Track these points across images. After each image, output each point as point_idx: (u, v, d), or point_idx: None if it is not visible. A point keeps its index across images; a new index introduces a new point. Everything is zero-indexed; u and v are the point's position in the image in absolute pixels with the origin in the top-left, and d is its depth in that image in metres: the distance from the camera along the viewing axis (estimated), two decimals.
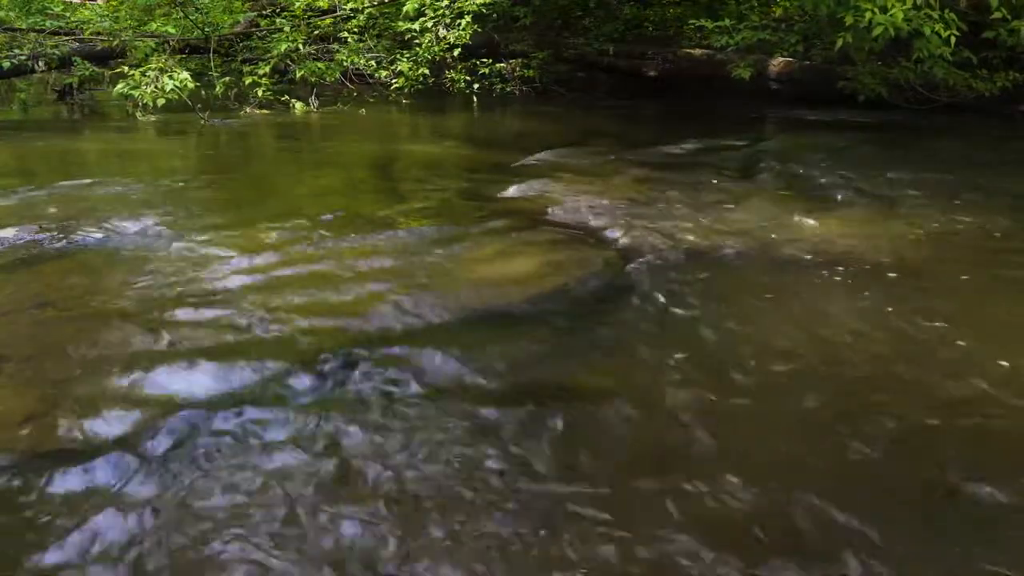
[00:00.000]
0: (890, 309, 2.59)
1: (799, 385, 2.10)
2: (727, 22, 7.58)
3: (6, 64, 8.38)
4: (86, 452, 1.80)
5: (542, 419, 1.93)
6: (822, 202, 4.04)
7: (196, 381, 2.13)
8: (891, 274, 2.91)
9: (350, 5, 9.23)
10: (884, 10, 5.63)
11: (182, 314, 2.59)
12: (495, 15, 9.46)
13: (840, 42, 6.11)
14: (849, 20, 5.87)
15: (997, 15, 5.87)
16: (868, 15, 5.65)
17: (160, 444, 1.82)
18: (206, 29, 8.61)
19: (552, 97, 9.26)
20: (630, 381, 2.13)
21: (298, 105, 8.34)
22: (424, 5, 8.78)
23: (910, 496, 1.66)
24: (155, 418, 1.93)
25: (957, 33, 5.82)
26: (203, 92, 8.41)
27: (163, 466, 1.73)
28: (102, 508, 1.60)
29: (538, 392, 2.07)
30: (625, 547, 1.49)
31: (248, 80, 8.42)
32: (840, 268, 2.97)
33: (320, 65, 8.78)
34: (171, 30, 8.69)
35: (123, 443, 1.83)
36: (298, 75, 8.76)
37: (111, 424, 1.92)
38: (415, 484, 1.67)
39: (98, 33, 8.83)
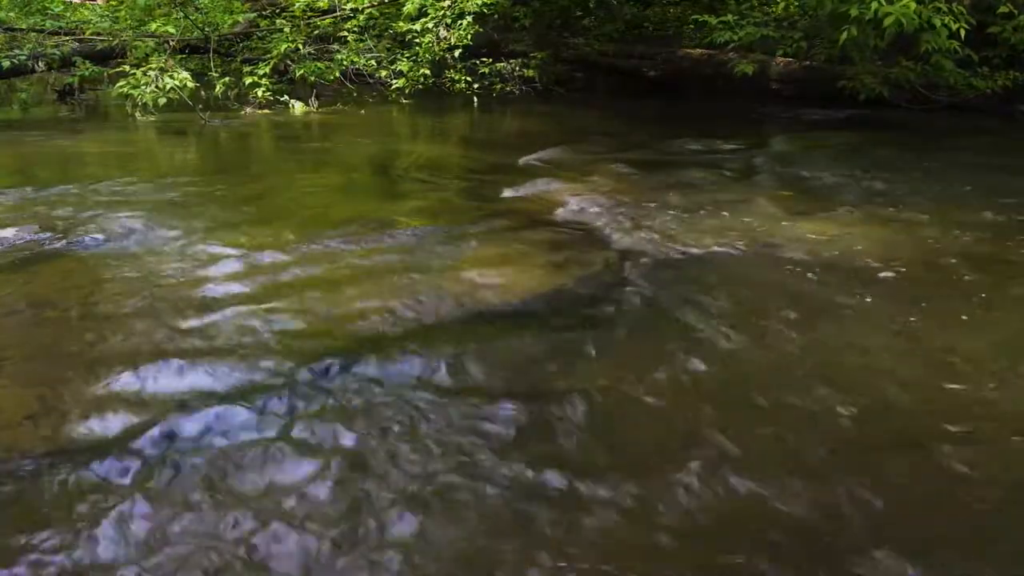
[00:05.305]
0: (890, 313, 2.59)
1: (797, 385, 2.10)
2: (730, 18, 7.57)
3: (6, 64, 8.38)
4: (86, 452, 1.79)
5: (542, 419, 1.92)
6: (821, 203, 4.03)
7: (196, 382, 2.12)
8: (893, 277, 2.90)
9: (350, 5, 9.24)
10: (891, 2, 5.61)
11: (181, 314, 2.58)
12: (495, 15, 9.46)
13: (844, 35, 6.07)
14: (854, 12, 5.82)
15: (1003, 10, 5.87)
16: (874, 6, 5.62)
17: (160, 445, 1.81)
18: (206, 29, 8.61)
19: (552, 97, 9.26)
20: (630, 382, 2.13)
21: (298, 105, 8.33)
22: (426, 5, 8.79)
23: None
24: (155, 418, 1.92)
25: (966, 27, 5.82)
26: (203, 92, 8.41)
27: (163, 466, 1.73)
28: (101, 508, 1.59)
29: (538, 392, 2.07)
30: (626, 544, 1.49)
31: (248, 80, 8.42)
32: (840, 271, 2.96)
33: (320, 65, 8.78)
34: (171, 30, 8.68)
35: (123, 443, 1.82)
36: (298, 75, 8.76)
37: (111, 424, 1.91)
38: (416, 483, 1.67)
39: (98, 33, 8.84)
